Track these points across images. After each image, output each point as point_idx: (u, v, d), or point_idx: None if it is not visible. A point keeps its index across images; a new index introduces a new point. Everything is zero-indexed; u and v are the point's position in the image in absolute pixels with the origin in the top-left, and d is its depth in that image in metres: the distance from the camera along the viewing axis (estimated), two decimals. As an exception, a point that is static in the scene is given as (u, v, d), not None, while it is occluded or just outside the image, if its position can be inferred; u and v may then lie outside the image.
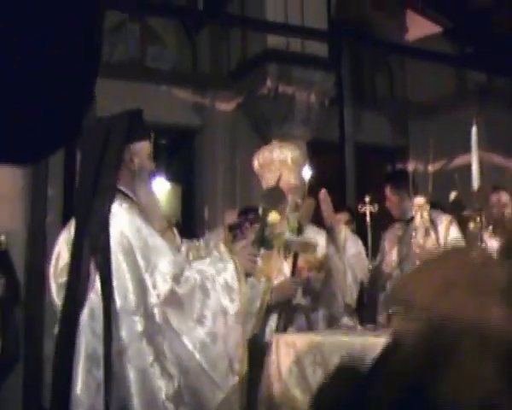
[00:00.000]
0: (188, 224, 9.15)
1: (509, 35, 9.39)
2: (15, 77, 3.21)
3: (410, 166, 10.14)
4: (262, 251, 3.51)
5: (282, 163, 3.97)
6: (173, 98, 9.37)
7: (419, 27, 9.97)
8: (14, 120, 3.34)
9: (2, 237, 6.19)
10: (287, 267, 3.84)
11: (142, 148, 3.31)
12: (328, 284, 3.85)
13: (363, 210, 4.76)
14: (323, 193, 3.81)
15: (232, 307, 2.90)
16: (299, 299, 3.90)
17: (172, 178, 10.03)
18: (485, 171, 4.29)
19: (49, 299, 3.45)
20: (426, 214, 4.87)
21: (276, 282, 3.74)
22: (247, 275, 3.13)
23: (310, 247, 3.82)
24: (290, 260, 3.84)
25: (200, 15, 7.50)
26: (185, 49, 9.90)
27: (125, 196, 3.12)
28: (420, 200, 5.20)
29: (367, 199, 4.86)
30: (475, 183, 3.33)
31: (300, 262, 3.79)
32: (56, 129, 3.20)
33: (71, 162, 6.84)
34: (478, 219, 3.29)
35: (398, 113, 10.76)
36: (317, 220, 3.95)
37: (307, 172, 3.83)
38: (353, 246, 4.08)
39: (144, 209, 3.13)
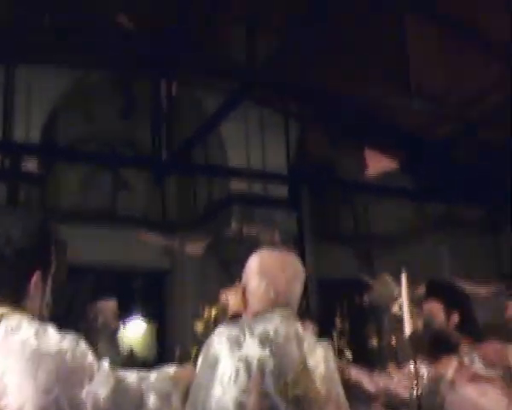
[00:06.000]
0: (161, 361, 9.30)
1: (464, 166, 9.86)
2: None
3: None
4: None
5: None
6: (144, 243, 9.69)
7: (378, 164, 10.44)
8: None
9: None
10: None
11: (107, 306, 3.49)
12: None
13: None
14: None
15: None
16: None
17: (147, 318, 10.40)
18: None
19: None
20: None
21: None
22: None
23: None
24: None
25: (164, 165, 7.94)
26: (154, 195, 10.32)
27: None
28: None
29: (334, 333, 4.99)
30: (407, 329, 3.31)
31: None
32: None
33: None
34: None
35: (363, 246, 11.09)
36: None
37: None
38: None
39: None
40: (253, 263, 2.96)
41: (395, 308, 4.29)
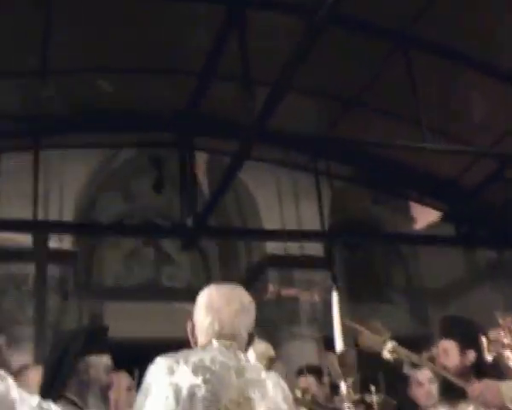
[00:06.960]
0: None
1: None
2: None
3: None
4: None
5: None
6: (188, 315, 9.68)
7: (423, 216, 10.19)
8: None
9: None
10: None
11: (100, 361, 3.58)
12: None
13: (369, 400, 4.73)
14: None
15: None
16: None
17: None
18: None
19: None
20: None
21: None
22: None
23: None
24: None
25: (190, 232, 7.99)
26: (198, 265, 10.38)
27: (74, 404, 3.32)
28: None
29: (372, 388, 4.83)
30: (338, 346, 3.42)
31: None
32: None
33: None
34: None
35: (417, 302, 10.75)
36: None
37: None
38: None
39: None
40: (201, 299, 3.00)
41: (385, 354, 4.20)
